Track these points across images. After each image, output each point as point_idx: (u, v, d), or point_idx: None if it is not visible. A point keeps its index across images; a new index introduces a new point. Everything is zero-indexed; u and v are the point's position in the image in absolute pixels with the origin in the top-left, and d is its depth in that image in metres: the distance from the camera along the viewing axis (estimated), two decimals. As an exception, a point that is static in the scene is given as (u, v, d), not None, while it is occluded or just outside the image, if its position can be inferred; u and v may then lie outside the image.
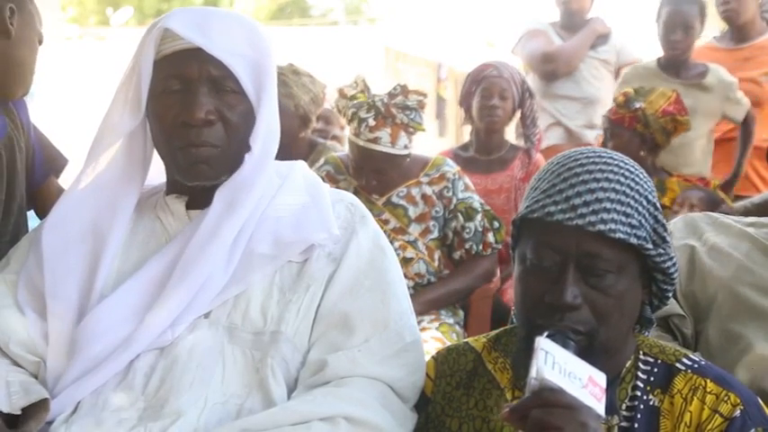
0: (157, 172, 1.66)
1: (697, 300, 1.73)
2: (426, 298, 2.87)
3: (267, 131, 1.54)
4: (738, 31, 3.95)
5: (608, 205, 1.30)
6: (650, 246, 1.33)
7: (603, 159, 1.34)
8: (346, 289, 1.52)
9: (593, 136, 4.28)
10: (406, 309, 1.57)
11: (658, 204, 1.37)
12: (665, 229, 1.37)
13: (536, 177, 1.40)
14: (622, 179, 1.32)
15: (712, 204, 3.05)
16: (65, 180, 2.14)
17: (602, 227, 1.28)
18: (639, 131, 3.35)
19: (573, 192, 1.31)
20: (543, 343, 1.20)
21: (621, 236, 1.29)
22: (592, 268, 1.30)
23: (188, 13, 1.54)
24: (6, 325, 1.55)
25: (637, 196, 1.33)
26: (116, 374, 1.47)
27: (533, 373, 1.17)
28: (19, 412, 1.42)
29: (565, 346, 1.23)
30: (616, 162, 1.35)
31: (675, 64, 3.77)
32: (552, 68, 4.30)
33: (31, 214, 2.10)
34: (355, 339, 1.48)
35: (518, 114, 3.66)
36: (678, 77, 3.75)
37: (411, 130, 2.86)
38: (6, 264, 1.65)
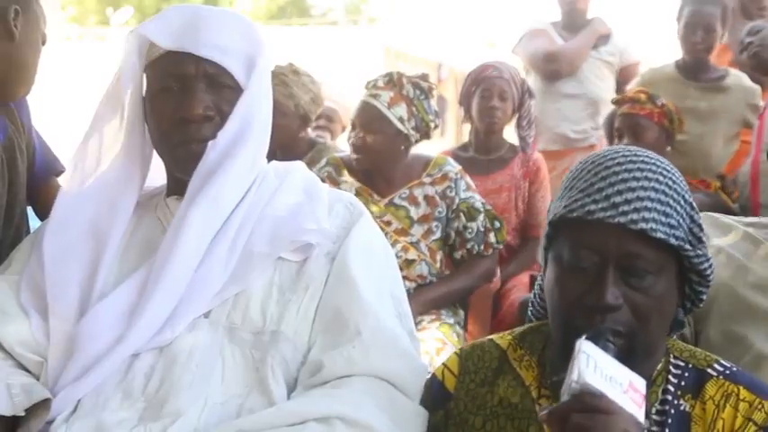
0: (158, 172, 1.67)
1: (697, 299, 1.73)
2: (426, 297, 2.87)
3: (239, 127, 1.53)
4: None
5: (649, 204, 1.28)
6: (689, 247, 1.31)
7: (641, 158, 1.33)
8: (337, 285, 1.52)
9: (597, 136, 4.27)
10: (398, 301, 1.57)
11: (695, 204, 1.35)
12: (702, 230, 1.35)
13: (571, 177, 1.37)
14: (661, 178, 1.31)
15: (714, 206, 3.04)
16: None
17: (644, 225, 1.26)
18: (666, 128, 3.34)
19: (613, 190, 1.29)
20: (585, 346, 1.17)
21: (662, 236, 1.27)
22: (632, 269, 1.28)
23: (174, 16, 1.54)
24: (10, 326, 1.55)
25: (675, 196, 1.31)
26: (116, 374, 1.48)
27: (575, 376, 1.15)
28: (23, 413, 1.42)
29: (605, 349, 1.20)
30: (653, 161, 1.33)
31: (694, 67, 3.70)
32: (555, 68, 4.28)
33: (30, 214, 2.09)
34: (348, 334, 1.48)
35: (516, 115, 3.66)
36: (696, 81, 3.68)
37: (414, 110, 2.88)
38: (8, 265, 1.66)
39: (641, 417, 1.16)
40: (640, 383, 1.19)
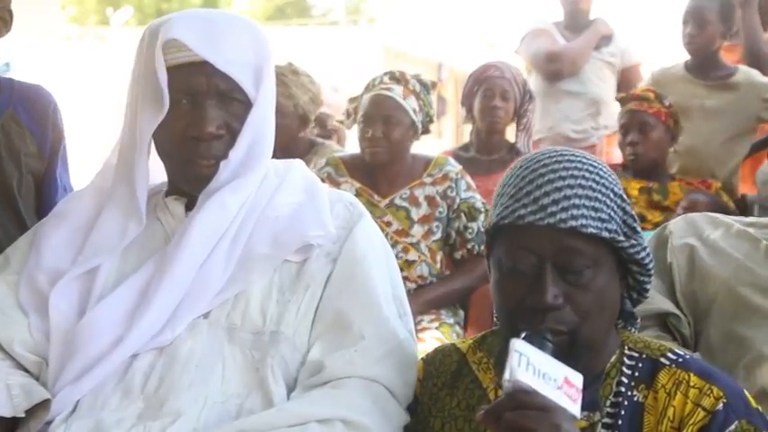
0: (156, 169, 1.66)
1: (697, 299, 1.73)
2: (426, 297, 2.87)
3: (251, 143, 1.54)
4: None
5: (576, 201, 1.31)
6: (622, 238, 1.34)
7: (566, 158, 1.36)
8: (342, 287, 1.53)
9: (599, 136, 4.27)
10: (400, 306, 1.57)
11: (625, 196, 1.38)
12: (635, 220, 1.38)
13: (502, 183, 1.40)
14: (587, 174, 1.34)
15: (715, 208, 3.03)
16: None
17: (573, 223, 1.29)
18: (671, 128, 3.34)
19: (540, 192, 1.32)
20: (517, 345, 1.19)
21: (593, 230, 1.30)
22: (569, 266, 1.31)
23: (193, 21, 1.52)
24: (9, 326, 1.55)
25: (603, 190, 1.33)
26: (115, 374, 1.48)
27: (507, 374, 1.17)
28: (23, 415, 1.42)
29: (541, 347, 1.22)
30: (578, 159, 1.36)
31: (702, 65, 3.68)
32: (557, 68, 4.28)
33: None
34: (351, 337, 1.48)
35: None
36: (705, 79, 3.66)
37: (422, 103, 2.89)
38: (6, 264, 1.65)
39: (576, 411, 1.18)
40: (576, 379, 1.20)
